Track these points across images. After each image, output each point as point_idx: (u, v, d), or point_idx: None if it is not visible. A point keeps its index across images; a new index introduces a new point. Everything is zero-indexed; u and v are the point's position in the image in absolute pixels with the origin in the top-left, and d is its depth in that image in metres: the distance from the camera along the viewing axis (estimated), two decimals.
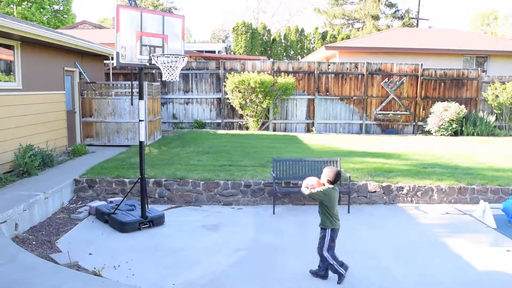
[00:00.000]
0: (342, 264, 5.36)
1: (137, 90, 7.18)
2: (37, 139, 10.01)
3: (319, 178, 5.49)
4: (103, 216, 7.50)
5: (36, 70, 10.27)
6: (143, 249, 6.41)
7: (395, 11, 46.68)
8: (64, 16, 39.79)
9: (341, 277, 5.35)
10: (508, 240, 7.02)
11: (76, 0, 75.41)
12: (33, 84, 10.12)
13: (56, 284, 4.48)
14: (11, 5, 35.62)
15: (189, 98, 17.70)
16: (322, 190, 5.25)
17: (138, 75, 7.12)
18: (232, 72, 17.19)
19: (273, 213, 8.26)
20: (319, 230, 5.43)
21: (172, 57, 6.64)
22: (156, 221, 7.37)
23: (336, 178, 5.32)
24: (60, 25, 37.78)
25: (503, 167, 10.61)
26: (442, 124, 16.88)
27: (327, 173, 5.35)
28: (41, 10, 36.66)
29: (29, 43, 9.89)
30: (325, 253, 5.35)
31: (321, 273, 5.49)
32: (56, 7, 38.98)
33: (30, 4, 36.23)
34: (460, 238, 7.08)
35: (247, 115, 17.16)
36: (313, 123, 17.83)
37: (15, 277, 4.60)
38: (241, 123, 17.68)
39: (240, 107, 17.02)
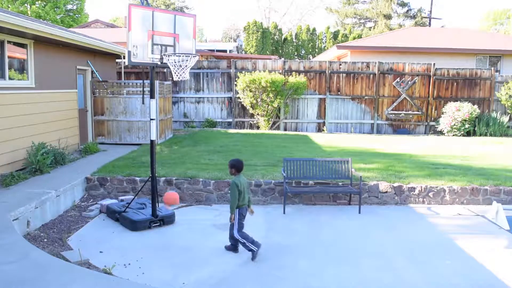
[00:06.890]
0: (253, 242, 5.95)
1: (149, 89, 7.21)
2: (49, 137, 10.10)
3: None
4: (114, 214, 7.54)
5: (49, 69, 10.35)
6: (153, 247, 6.43)
7: (407, 10, 46.32)
8: (77, 15, 40.15)
9: (254, 254, 5.94)
10: None
11: None
12: (46, 82, 10.21)
13: (67, 281, 4.50)
14: (25, 4, 35.99)
15: (200, 97, 17.73)
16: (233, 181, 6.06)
17: (150, 74, 7.15)
18: (243, 71, 17.18)
19: (284, 212, 8.24)
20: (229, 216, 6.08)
21: (183, 56, 6.64)
22: (167, 220, 7.39)
23: (239, 167, 6.23)
24: (73, 24, 38.14)
25: None
26: (454, 124, 16.71)
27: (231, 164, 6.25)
28: (55, 9, 37.01)
29: (42, 42, 9.97)
30: (236, 235, 6.00)
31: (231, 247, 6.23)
32: (69, 6, 39.34)
33: (45, 3, 36.58)
34: (473, 239, 6.99)
35: (258, 114, 17.15)
36: (324, 122, 17.77)
37: (27, 274, 4.63)
38: (252, 122, 17.67)
39: (251, 107, 17.01)
